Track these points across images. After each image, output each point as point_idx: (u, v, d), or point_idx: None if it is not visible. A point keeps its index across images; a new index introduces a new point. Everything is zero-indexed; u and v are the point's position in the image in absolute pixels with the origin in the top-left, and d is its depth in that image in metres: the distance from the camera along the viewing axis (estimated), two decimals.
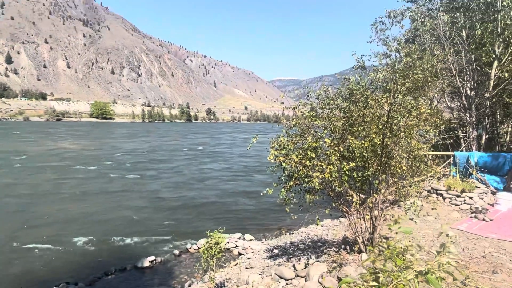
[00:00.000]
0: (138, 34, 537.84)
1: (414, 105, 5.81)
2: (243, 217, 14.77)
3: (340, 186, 5.50)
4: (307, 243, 9.16)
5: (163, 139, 63.92)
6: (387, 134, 5.45)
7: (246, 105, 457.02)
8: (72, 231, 12.36)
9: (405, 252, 2.55)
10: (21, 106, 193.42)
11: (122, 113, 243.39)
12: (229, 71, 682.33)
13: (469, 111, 13.88)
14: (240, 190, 20.41)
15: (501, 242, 7.03)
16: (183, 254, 10.58)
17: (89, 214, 14.56)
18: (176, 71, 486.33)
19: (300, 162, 5.42)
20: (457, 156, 12.43)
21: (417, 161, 6.14)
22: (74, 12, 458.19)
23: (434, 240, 7.20)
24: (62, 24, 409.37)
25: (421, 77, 6.10)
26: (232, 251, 10.60)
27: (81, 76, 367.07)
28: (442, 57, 13.24)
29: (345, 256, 6.20)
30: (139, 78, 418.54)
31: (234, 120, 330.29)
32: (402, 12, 15.90)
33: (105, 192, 18.82)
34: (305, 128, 5.74)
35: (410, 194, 6.30)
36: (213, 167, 29.69)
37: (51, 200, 16.60)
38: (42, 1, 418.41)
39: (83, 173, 24.51)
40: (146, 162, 31.09)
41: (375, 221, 5.92)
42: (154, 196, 18.15)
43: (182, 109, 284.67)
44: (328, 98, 6.19)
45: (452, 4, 13.82)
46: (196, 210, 15.71)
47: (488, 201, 10.36)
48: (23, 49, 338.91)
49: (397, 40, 16.75)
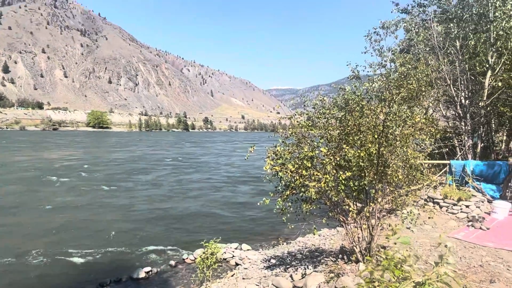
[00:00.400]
0: (136, 43, 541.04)
1: (409, 114, 5.85)
2: (240, 227, 14.68)
3: (337, 195, 5.49)
4: (304, 253, 9.09)
5: (150, 149, 63.50)
6: (383, 143, 5.47)
7: (243, 114, 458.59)
8: (63, 242, 12.10)
9: (403, 262, 2.54)
10: (17, 116, 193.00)
11: (119, 122, 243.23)
12: (226, 80, 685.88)
13: (464, 120, 14.00)
14: (236, 199, 20.31)
15: (498, 251, 7.02)
16: (179, 265, 10.46)
17: (78, 225, 14.33)
18: (173, 81, 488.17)
19: (296, 172, 5.42)
20: (453, 165, 12.48)
21: (413, 169, 6.16)
22: (72, 22, 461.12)
23: (432, 249, 7.18)
24: (60, 34, 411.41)
25: (415, 86, 6.16)
26: (229, 261, 10.50)
27: (78, 86, 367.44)
28: (436, 67, 13.41)
29: (343, 266, 6.16)
30: (136, 88, 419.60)
31: (231, 129, 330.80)
32: (396, 23, 16.13)
33: (92, 203, 18.65)
34: (301, 138, 5.76)
35: (406, 203, 6.31)
36: (207, 176, 29.59)
37: (23, 212, 16.21)
38: (40, 12, 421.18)
39: (60, 184, 23.99)
40: (122, 173, 30.22)
41: (372, 230, 5.90)
42: (146, 207, 18.01)
43: (179, 118, 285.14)
44: (324, 108, 6.23)
45: (445, 15, 14.05)
46: (191, 220, 15.59)
47: (484, 209, 10.37)
48: (20, 59, 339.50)
49: (392, 50, 16.96)
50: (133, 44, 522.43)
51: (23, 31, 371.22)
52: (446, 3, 14.01)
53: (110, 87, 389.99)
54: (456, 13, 13.56)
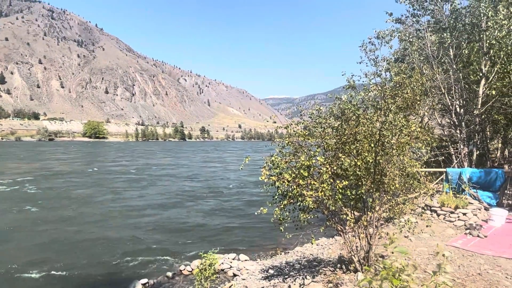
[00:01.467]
0: (133, 54, 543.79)
1: (404, 123, 5.90)
2: (237, 237, 14.57)
3: (334, 204, 5.49)
4: (302, 263, 9.03)
5: (142, 158, 63.35)
6: (379, 152, 5.50)
7: (240, 123, 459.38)
8: (56, 256, 11.87)
9: (401, 272, 2.54)
10: (13, 126, 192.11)
11: (115, 132, 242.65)
12: (223, 90, 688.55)
13: (460, 128, 14.12)
14: (232, 209, 20.20)
15: (496, 259, 7.01)
16: (177, 276, 10.34)
17: (72, 238, 14.17)
18: (170, 90, 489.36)
19: (293, 181, 5.42)
20: (450, 173, 12.52)
21: (410, 178, 6.18)
22: (69, 33, 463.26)
23: (430, 257, 7.16)
24: (57, 45, 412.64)
25: (410, 95, 6.23)
26: (227, 272, 10.39)
27: (75, 96, 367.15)
28: (431, 76, 13.56)
29: (341, 275, 6.12)
30: (133, 98, 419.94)
31: (228, 138, 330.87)
32: (391, 33, 16.38)
33: (87, 214, 18.48)
34: (298, 147, 5.77)
35: (404, 212, 6.31)
36: (202, 185, 29.46)
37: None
38: (37, 23, 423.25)
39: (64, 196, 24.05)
40: (117, 183, 30.62)
41: (370, 239, 5.88)
42: (140, 217, 17.86)
43: (176, 128, 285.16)
44: (320, 117, 6.26)
45: (439, 25, 14.28)
46: (187, 230, 15.46)
47: (481, 217, 10.39)
48: (17, 70, 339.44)
49: (387, 60, 17.17)
50: (130, 54, 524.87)
51: (20, 42, 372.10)
52: (439, 13, 14.25)
53: (106, 97, 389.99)
54: (449, 23, 13.79)
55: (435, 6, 14.20)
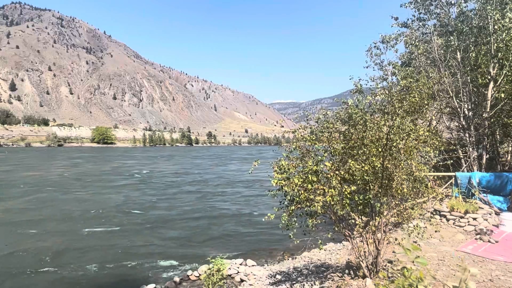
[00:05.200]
0: (140, 60, 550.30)
1: (412, 128, 5.87)
2: (244, 242, 14.52)
3: (342, 209, 5.47)
4: (310, 268, 8.97)
5: (149, 163, 63.73)
6: (387, 157, 5.48)
7: (246, 128, 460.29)
8: (61, 260, 11.96)
9: (419, 282, 2.46)
10: (23, 132, 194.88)
11: (123, 137, 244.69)
12: (229, 95, 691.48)
13: (468, 131, 13.96)
14: (239, 213, 20.18)
15: (508, 265, 6.89)
16: (184, 282, 10.32)
17: (76, 242, 14.28)
18: (177, 96, 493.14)
19: (302, 186, 5.42)
20: (459, 177, 12.38)
21: (418, 182, 6.13)
22: (78, 41, 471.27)
23: (440, 263, 7.07)
24: (66, 52, 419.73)
25: (417, 99, 6.21)
26: (234, 277, 10.35)
27: (83, 102, 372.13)
28: (438, 79, 13.47)
29: (349, 281, 6.07)
30: (140, 103, 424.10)
31: (235, 143, 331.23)
32: (396, 37, 16.33)
33: (93, 217, 18.61)
34: (305, 152, 5.78)
35: (412, 216, 6.25)
36: (207, 190, 29.50)
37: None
38: (47, 31, 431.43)
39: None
40: (122, 188, 30.79)
41: (378, 244, 5.84)
42: (146, 221, 17.93)
43: (183, 133, 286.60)
44: (327, 122, 6.27)
45: (445, 29, 14.21)
46: (194, 235, 15.47)
47: (492, 222, 10.22)
48: (27, 77, 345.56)
49: (393, 64, 17.11)
50: (138, 60, 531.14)
51: (31, 49, 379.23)
52: (446, 17, 14.19)
53: (114, 103, 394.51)
54: (456, 26, 13.72)
55: (441, 9, 14.15)
